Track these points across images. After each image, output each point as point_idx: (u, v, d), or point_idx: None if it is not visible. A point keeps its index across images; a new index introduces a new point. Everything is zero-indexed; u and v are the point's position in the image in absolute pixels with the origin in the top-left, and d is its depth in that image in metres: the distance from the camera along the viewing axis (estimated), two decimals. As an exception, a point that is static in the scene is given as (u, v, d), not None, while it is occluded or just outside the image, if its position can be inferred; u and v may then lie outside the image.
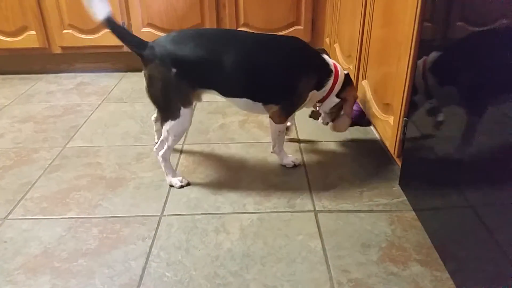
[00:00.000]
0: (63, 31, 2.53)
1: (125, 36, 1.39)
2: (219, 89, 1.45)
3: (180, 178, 1.50)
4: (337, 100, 1.58)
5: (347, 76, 1.58)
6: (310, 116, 1.75)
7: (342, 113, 1.63)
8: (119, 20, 2.49)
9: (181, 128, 1.44)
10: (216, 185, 1.50)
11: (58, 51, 2.60)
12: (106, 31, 2.52)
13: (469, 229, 0.98)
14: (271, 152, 1.63)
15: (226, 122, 1.98)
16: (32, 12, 2.46)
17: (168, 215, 1.35)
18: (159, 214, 1.35)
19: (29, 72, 2.73)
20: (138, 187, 1.50)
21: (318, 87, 1.52)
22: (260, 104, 1.48)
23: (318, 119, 1.73)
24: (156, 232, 1.27)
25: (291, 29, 2.54)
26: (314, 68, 1.49)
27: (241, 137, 1.84)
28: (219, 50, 1.38)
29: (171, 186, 1.49)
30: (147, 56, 1.37)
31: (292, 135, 1.84)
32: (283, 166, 1.60)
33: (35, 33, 2.52)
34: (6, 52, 2.61)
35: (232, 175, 1.56)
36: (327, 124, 1.71)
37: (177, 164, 1.63)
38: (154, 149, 1.49)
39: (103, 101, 2.27)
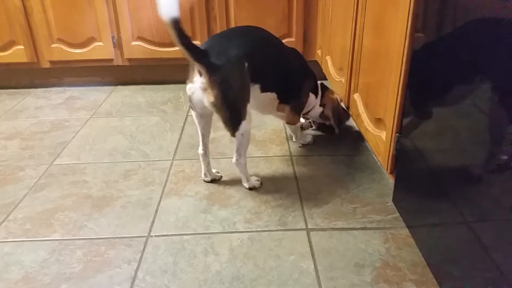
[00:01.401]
0: (52, 45, 2.50)
1: (189, 44, 1.25)
2: (262, 82, 1.48)
3: (255, 177, 1.57)
4: (320, 109, 1.79)
5: (322, 85, 1.82)
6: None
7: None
8: (109, 33, 2.46)
9: (250, 126, 1.44)
10: (206, 203, 1.46)
11: (47, 65, 2.56)
12: (95, 44, 2.49)
13: (464, 247, 0.95)
14: (294, 141, 1.87)
15: (217, 136, 1.95)
16: (20, 26, 2.43)
17: (155, 235, 1.30)
18: (146, 235, 1.31)
19: (17, 87, 2.68)
20: (125, 206, 1.45)
21: (315, 91, 1.75)
22: (276, 103, 1.62)
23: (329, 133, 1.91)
24: (142, 254, 1.23)
25: (283, 41, 2.51)
26: (310, 72, 1.73)
27: (232, 152, 1.79)
28: (261, 48, 1.47)
29: (252, 189, 1.53)
30: (217, 61, 1.30)
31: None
32: (305, 144, 1.84)
33: (23, 47, 2.48)
34: (-6, 67, 2.58)
35: (222, 191, 1.53)
36: (318, 127, 1.94)
37: (166, 181, 1.59)
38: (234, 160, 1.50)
39: (92, 116, 2.23)
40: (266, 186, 1.55)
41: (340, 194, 1.48)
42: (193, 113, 1.48)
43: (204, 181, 1.59)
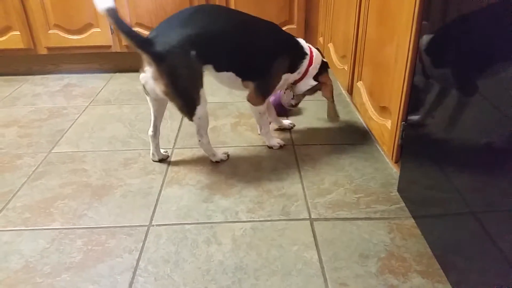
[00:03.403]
0: (49, 31, 2.45)
1: (130, 32, 1.27)
2: (215, 63, 1.46)
3: (223, 151, 1.64)
4: (314, 83, 1.68)
5: (325, 63, 1.70)
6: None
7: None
8: (105, 21, 2.41)
9: (206, 109, 1.46)
10: (208, 192, 1.44)
11: (44, 51, 2.52)
12: (93, 30, 2.45)
13: (471, 238, 0.94)
14: (259, 134, 1.77)
15: (218, 125, 1.92)
16: (16, 11, 2.38)
17: (156, 225, 1.29)
18: (147, 224, 1.29)
19: (14, 73, 2.64)
20: (125, 195, 1.43)
21: (292, 69, 1.62)
22: (239, 80, 1.55)
23: (336, 120, 1.79)
24: (143, 243, 1.21)
25: (284, 28, 2.47)
26: (287, 50, 1.59)
27: (233, 140, 1.78)
28: (215, 27, 1.42)
29: (219, 162, 1.60)
30: (161, 50, 1.30)
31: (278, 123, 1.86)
32: (270, 148, 1.71)
33: (19, 33, 2.43)
34: (-11, 53, 2.53)
35: (224, 180, 1.50)
36: (293, 106, 1.81)
37: (167, 170, 1.57)
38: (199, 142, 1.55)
39: (90, 103, 2.20)
40: (268, 175, 1.53)
41: (343, 184, 1.47)
42: (147, 97, 1.51)
43: (153, 160, 1.63)
